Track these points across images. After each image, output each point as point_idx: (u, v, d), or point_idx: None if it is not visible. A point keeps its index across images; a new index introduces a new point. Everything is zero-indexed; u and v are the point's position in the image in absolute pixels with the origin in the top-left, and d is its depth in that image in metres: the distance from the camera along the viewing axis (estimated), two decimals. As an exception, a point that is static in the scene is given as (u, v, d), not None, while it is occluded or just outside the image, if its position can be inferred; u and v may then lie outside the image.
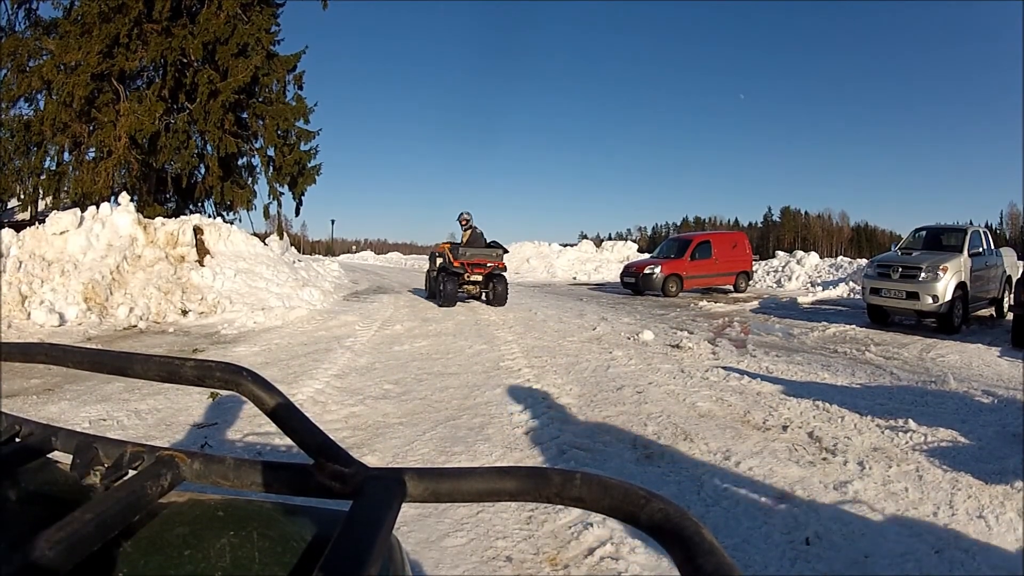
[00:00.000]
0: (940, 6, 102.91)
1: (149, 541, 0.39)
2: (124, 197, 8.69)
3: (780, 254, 17.89)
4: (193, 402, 3.57)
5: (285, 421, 0.39)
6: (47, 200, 12.04)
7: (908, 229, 9.10)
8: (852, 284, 12.34)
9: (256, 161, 14.00)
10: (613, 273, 17.84)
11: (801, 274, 15.05)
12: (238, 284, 8.36)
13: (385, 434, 3.15)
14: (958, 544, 2.05)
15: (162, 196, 13.12)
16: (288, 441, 0.58)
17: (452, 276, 9.30)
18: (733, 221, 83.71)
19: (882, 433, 3.20)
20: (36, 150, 11.47)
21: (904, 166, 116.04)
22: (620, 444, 3.03)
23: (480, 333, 6.62)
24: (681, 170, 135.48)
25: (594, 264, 20.83)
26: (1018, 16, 69.89)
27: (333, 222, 72.40)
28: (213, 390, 1.21)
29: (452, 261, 9.36)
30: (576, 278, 18.95)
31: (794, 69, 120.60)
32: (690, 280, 12.65)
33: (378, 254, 47.65)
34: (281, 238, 12.03)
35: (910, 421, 3.30)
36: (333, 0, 16.04)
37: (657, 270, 12.24)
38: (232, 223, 11.15)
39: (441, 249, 9.84)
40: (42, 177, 11.70)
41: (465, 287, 9.60)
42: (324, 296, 9.38)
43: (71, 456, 0.44)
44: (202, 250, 8.78)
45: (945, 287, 7.09)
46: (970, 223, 15.51)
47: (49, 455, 0.45)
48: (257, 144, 13.60)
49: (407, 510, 1.73)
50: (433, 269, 10.29)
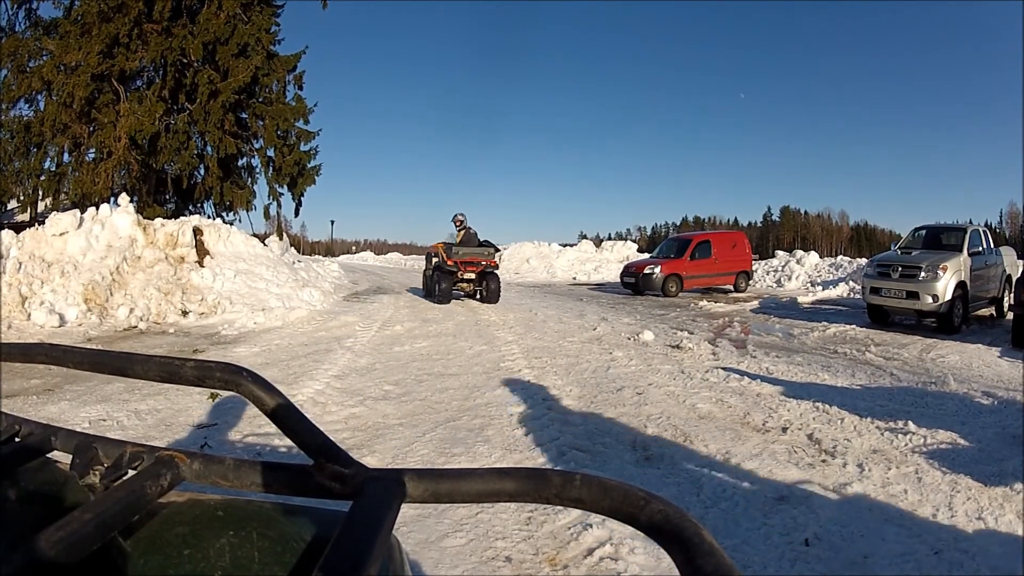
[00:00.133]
0: (940, 6, 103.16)
1: (149, 541, 0.39)
2: (124, 198, 8.69)
3: (780, 254, 17.86)
4: (193, 402, 3.56)
5: (285, 422, 0.39)
6: (47, 201, 12.04)
7: (908, 228, 9.13)
8: (852, 284, 12.33)
9: (256, 162, 14.03)
10: (613, 273, 17.84)
11: (801, 274, 15.04)
12: (238, 285, 8.36)
13: (385, 435, 3.15)
14: (957, 545, 2.05)
15: (162, 197, 13.12)
16: (288, 442, 0.58)
17: (447, 274, 9.54)
18: (733, 221, 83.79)
19: (882, 435, 3.20)
20: (36, 151, 11.46)
21: (904, 165, 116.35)
22: (620, 446, 3.03)
23: (480, 334, 6.62)
24: (681, 170, 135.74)
25: (594, 264, 20.83)
26: (1018, 16, 70.03)
27: (333, 223, 72.16)
28: (213, 391, 1.21)
29: (446, 260, 9.57)
30: (576, 278, 18.94)
31: (794, 69, 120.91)
32: (690, 280, 12.64)
33: (378, 255, 47.56)
34: (281, 239, 12.02)
35: (910, 423, 3.30)
36: (333, 0, 16.05)
37: (657, 270, 12.23)
38: (232, 224, 11.13)
39: (436, 249, 10.04)
40: (42, 178, 11.69)
41: (459, 285, 9.82)
42: (324, 297, 9.38)
43: (71, 456, 0.44)
44: (202, 251, 8.78)
45: (945, 286, 7.08)
46: (970, 222, 15.52)
47: (49, 455, 0.45)
48: (257, 145, 13.60)
49: (407, 510, 1.73)
50: (429, 268, 10.46)
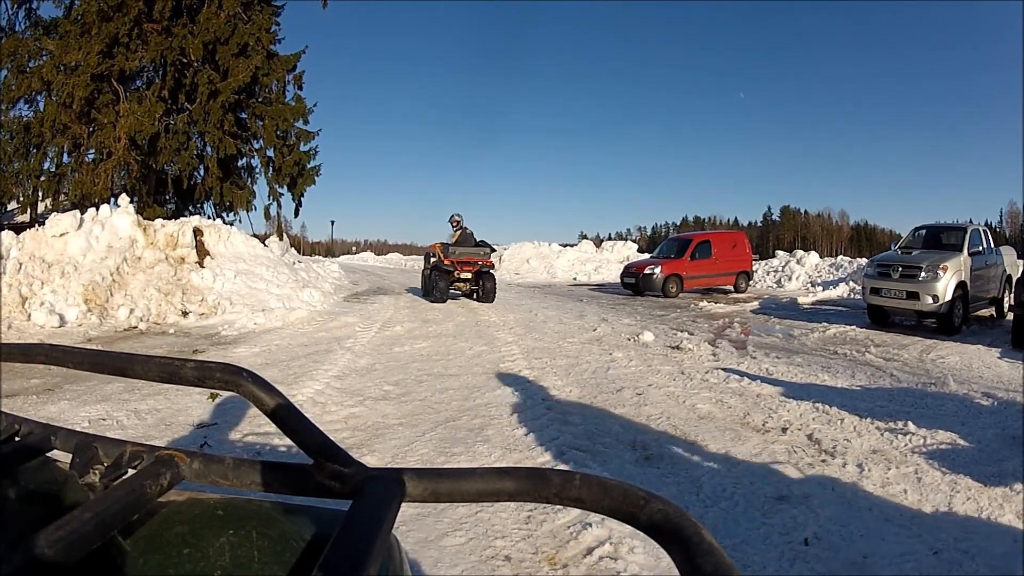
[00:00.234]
0: (940, 6, 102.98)
1: (148, 540, 0.39)
2: (124, 199, 8.68)
3: (780, 254, 17.84)
4: (193, 402, 3.56)
5: (285, 421, 0.39)
6: (47, 202, 12.04)
7: (908, 228, 9.11)
8: (852, 284, 12.32)
9: (256, 162, 14.03)
10: (613, 273, 17.84)
11: (801, 274, 15.03)
12: (238, 285, 8.36)
13: (385, 435, 3.15)
14: (957, 545, 2.05)
15: (162, 197, 13.12)
16: (288, 441, 0.58)
17: (444, 274, 9.65)
18: (733, 220, 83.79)
19: (881, 435, 3.19)
20: (36, 152, 11.46)
21: (904, 165, 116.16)
22: (620, 445, 3.03)
23: (480, 334, 6.62)
24: (681, 170, 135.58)
25: (594, 264, 20.83)
26: (1018, 16, 69.98)
27: (333, 223, 72.23)
28: (213, 391, 1.22)
29: (443, 259, 9.66)
30: (576, 278, 18.94)
31: (794, 69, 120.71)
32: (690, 280, 12.63)
33: (378, 255, 47.51)
34: (281, 239, 12.01)
35: (909, 423, 3.30)
36: (333, 0, 16.06)
37: (657, 270, 12.22)
38: (232, 224, 11.14)
39: (434, 248, 10.14)
40: (42, 179, 11.69)
41: (456, 284, 9.93)
42: (324, 297, 9.38)
43: (70, 455, 0.44)
44: (202, 251, 8.78)
45: (945, 286, 7.07)
46: (970, 221, 15.50)
47: (48, 454, 0.45)
48: (257, 145, 13.60)
49: (406, 510, 1.73)
50: (427, 268, 10.53)
